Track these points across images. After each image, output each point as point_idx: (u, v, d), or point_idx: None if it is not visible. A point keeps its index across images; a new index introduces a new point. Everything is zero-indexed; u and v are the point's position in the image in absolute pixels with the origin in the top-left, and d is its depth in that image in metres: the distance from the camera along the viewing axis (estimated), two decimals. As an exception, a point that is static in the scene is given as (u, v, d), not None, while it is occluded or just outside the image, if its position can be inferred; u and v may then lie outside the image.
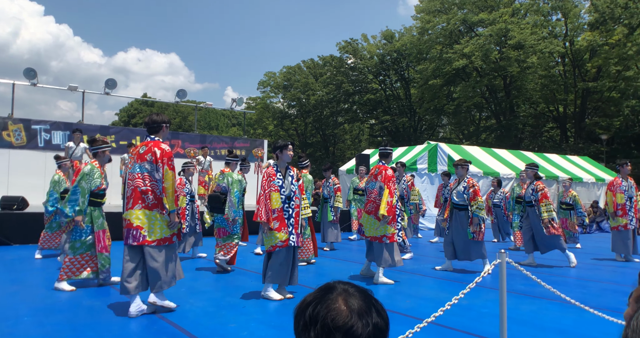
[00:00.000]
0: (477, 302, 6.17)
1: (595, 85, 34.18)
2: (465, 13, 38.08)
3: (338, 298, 1.23)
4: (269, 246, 6.33)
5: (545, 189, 9.81)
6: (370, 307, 1.22)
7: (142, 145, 5.82)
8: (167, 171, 5.63)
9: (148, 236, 5.52)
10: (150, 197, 5.60)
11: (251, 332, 4.94)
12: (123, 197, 6.60)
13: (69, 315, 5.51)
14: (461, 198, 9.02)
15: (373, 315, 1.20)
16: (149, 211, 5.60)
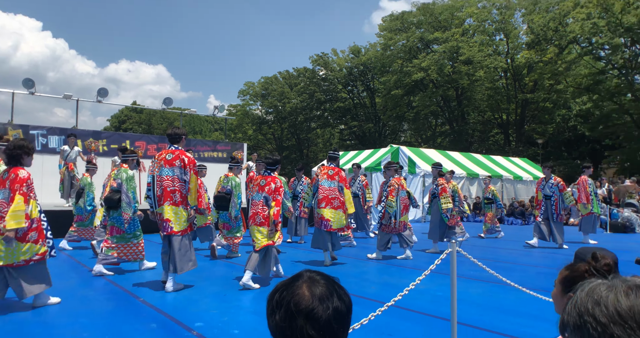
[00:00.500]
0: (432, 286, 6.25)
1: (532, 96, 35.11)
2: (422, 32, 38.45)
3: (303, 284, 1.23)
4: (271, 241, 6.54)
5: (445, 185, 10.29)
6: (332, 292, 1.23)
7: (169, 152, 6.38)
8: (192, 175, 6.29)
9: (175, 227, 6.13)
10: (177, 195, 6.21)
11: (231, 318, 4.92)
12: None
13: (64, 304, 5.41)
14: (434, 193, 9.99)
15: (334, 299, 1.21)
16: (175, 207, 6.20)
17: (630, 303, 1.04)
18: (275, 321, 1.21)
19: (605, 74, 32.25)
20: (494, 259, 9.16)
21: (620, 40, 29.82)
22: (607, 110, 32.65)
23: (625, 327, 1.00)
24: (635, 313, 1.03)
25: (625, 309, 1.04)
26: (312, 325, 1.17)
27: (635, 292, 1.07)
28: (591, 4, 29.49)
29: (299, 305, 1.19)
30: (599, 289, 1.11)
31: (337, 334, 1.20)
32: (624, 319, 1.02)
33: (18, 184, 5.05)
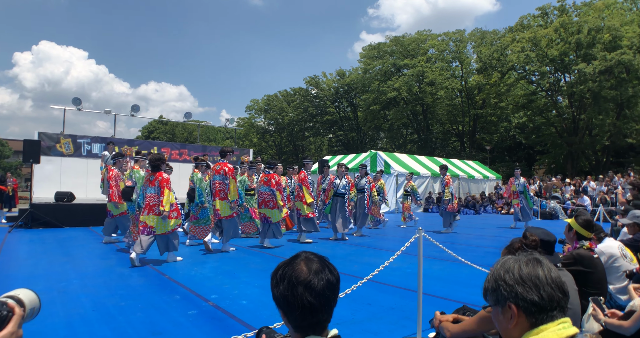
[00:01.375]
0: (402, 264, 6.28)
1: (481, 112, 35.53)
2: (394, 59, 38.51)
3: (301, 262, 1.25)
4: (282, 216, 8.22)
5: (373, 183, 10.97)
6: (325, 267, 1.25)
7: (218, 164, 7.64)
8: (231, 179, 7.49)
9: (222, 214, 7.53)
10: (223, 193, 7.51)
11: (240, 291, 4.93)
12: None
13: (105, 279, 5.41)
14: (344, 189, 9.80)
15: (326, 273, 1.23)
16: (222, 201, 7.52)
17: (528, 270, 1.19)
18: (279, 291, 1.23)
19: (536, 95, 33.02)
20: (452, 242, 9.23)
21: (547, 68, 30.66)
22: (538, 123, 33.34)
23: (525, 286, 1.17)
24: (532, 276, 1.18)
25: (525, 274, 1.19)
26: (310, 293, 1.19)
27: (532, 262, 1.21)
28: (524, 39, 30.09)
29: (299, 277, 1.21)
30: (508, 261, 1.24)
31: (329, 300, 1.22)
32: (524, 281, 1.18)
33: (165, 183, 6.49)
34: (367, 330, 3.67)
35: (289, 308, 1.21)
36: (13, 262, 6.50)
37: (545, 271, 1.19)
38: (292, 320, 1.22)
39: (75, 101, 15.10)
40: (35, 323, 3.65)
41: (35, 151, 11.03)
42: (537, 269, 1.19)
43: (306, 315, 1.19)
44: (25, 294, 1.06)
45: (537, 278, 1.18)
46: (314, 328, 1.22)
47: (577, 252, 3.11)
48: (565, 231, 3.41)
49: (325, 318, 1.23)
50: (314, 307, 1.19)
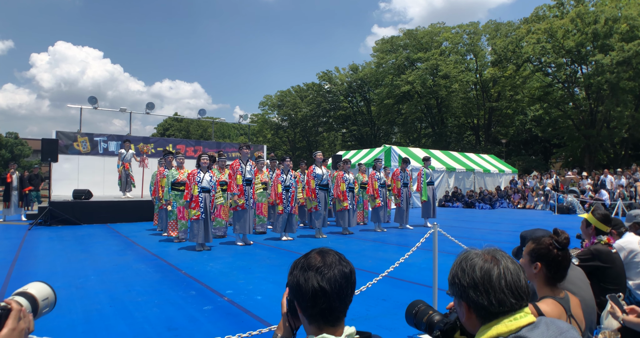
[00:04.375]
0: (418, 260, 6.25)
1: (497, 105, 34.92)
2: (408, 52, 38.13)
3: (316, 254, 1.27)
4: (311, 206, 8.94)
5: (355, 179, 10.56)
6: (338, 260, 1.25)
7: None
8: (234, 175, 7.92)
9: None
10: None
11: (255, 286, 4.95)
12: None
13: (122, 275, 5.48)
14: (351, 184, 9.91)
15: (339, 263, 1.23)
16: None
17: (482, 273, 1.16)
18: (292, 277, 1.24)
19: (552, 87, 32.40)
20: (468, 237, 9.13)
21: (563, 60, 30.06)
22: (554, 116, 32.71)
23: (477, 291, 1.15)
24: (485, 281, 1.15)
25: (479, 277, 1.15)
26: (321, 277, 1.19)
27: (489, 263, 1.18)
28: (540, 31, 29.51)
29: (310, 264, 1.23)
30: (468, 258, 1.22)
31: (342, 288, 1.21)
32: (476, 285, 1.15)
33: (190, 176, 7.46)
34: (382, 326, 3.66)
35: (300, 293, 1.21)
36: (32, 259, 6.63)
37: (500, 273, 1.16)
38: (304, 307, 1.22)
39: (92, 100, 15.28)
40: (55, 319, 3.72)
41: (53, 149, 11.21)
42: (492, 272, 1.16)
43: (318, 299, 1.18)
44: (35, 287, 1.07)
45: (489, 282, 1.15)
46: (326, 317, 1.20)
47: (594, 247, 3.05)
48: (583, 227, 3.34)
49: (338, 306, 1.21)
50: (325, 291, 1.18)
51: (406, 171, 11.02)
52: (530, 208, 19.14)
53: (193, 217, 7.34)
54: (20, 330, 0.95)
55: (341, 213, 9.74)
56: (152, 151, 15.52)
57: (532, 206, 19.14)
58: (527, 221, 13.02)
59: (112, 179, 13.75)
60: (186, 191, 7.47)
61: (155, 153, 15.40)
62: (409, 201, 11.03)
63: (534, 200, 19.31)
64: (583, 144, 30.38)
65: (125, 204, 12.21)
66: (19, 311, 0.96)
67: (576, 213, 15.79)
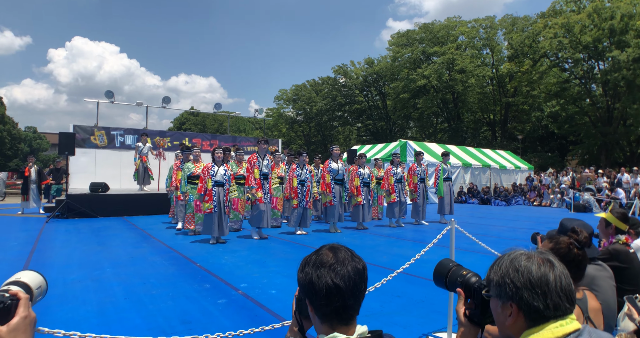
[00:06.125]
0: (434, 256, 6.09)
1: (513, 100, 34.49)
2: (424, 46, 37.72)
3: (327, 250, 1.23)
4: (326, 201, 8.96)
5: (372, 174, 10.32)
6: (351, 256, 1.21)
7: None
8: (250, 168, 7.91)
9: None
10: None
11: (269, 280, 4.92)
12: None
13: (137, 267, 5.51)
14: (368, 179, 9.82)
15: (351, 260, 1.20)
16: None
17: (539, 275, 1.11)
18: (304, 274, 1.20)
19: (569, 83, 31.77)
20: (485, 234, 8.99)
21: (580, 55, 29.48)
22: (571, 112, 32.03)
23: (532, 293, 1.10)
24: (542, 283, 1.11)
25: (535, 279, 1.11)
26: (334, 274, 1.16)
27: (545, 266, 1.13)
28: (557, 25, 29.00)
29: (323, 261, 1.19)
30: (520, 259, 1.17)
31: (355, 284, 1.17)
32: (533, 286, 1.11)
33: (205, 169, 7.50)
34: (396, 323, 3.59)
35: (314, 291, 1.17)
36: (49, 251, 6.71)
37: (556, 277, 1.12)
38: (318, 306, 1.18)
39: (108, 94, 15.41)
40: (70, 311, 3.74)
41: (70, 143, 11.33)
42: (548, 275, 1.12)
43: (332, 297, 1.14)
44: (28, 276, 1.06)
45: (546, 284, 1.11)
46: (340, 315, 1.16)
47: (612, 247, 2.98)
48: (601, 226, 3.25)
49: (352, 304, 1.17)
50: (340, 288, 1.14)
51: (422, 166, 10.87)
52: (546, 205, 18.81)
53: (206, 210, 7.35)
54: (31, 318, 0.97)
55: (355, 208, 9.66)
56: (168, 145, 15.62)
57: (548, 204, 18.81)
58: (543, 218, 12.80)
59: (128, 173, 13.87)
60: (200, 185, 7.47)
61: (172, 146, 15.49)
62: (426, 196, 10.88)
63: (549, 198, 18.98)
64: (599, 142, 29.78)
65: (141, 197, 12.32)
66: (27, 299, 0.97)
67: (592, 212, 15.47)
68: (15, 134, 42.41)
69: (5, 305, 0.94)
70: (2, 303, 0.93)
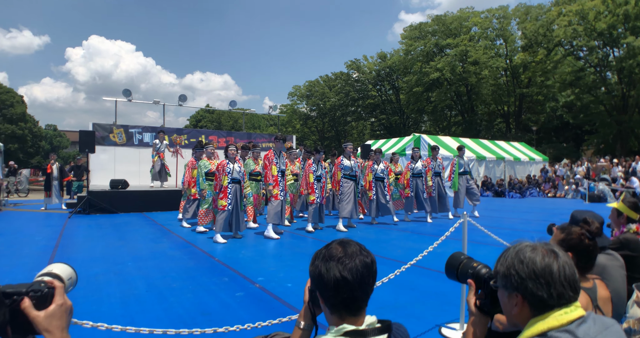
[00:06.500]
0: (447, 249, 6.11)
1: (527, 91, 34.01)
2: (436, 39, 37.32)
3: (337, 245, 1.27)
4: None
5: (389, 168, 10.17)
6: (360, 250, 1.25)
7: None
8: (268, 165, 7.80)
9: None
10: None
11: (286, 273, 5.01)
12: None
13: (157, 261, 5.64)
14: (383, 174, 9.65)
15: (358, 254, 1.23)
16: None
17: (543, 265, 1.14)
18: (314, 265, 1.25)
19: (584, 72, 31.10)
20: (498, 227, 8.95)
21: (595, 43, 28.86)
22: (586, 101, 31.41)
23: (536, 283, 1.13)
24: (545, 273, 1.13)
25: (539, 269, 1.14)
26: (343, 267, 1.19)
27: (549, 256, 1.16)
28: (571, 13, 28.47)
29: (332, 254, 1.23)
30: (525, 250, 1.20)
31: (364, 277, 1.21)
32: (537, 276, 1.14)
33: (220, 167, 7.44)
34: (410, 314, 3.64)
35: (322, 283, 1.21)
36: (73, 246, 6.90)
37: (560, 267, 1.15)
38: (327, 297, 1.23)
39: (126, 92, 15.63)
40: (95, 304, 3.87)
41: (91, 141, 11.55)
42: (552, 264, 1.15)
43: (340, 289, 1.19)
44: (59, 268, 1.12)
45: (550, 274, 1.14)
46: (348, 307, 1.21)
47: (623, 236, 3.01)
48: (613, 216, 3.25)
49: (360, 295, 1.21)
50: (347, 281, 1.18)
51: (438, 160, 10.81)
52: (561, 196, 18.58)
53: (220, 207, 7.37)
54: (67, 306, 1.03)
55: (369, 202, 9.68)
56: (185, 142, 15.82)
57: (563, 195, 18.57)
58: (557, 210, 12.66)
59: (147, 170, 14.09)
60: (216, 182, 7.48)
61: (189, 143, 15.68)
62: (443, 190, 10.79)
63: (564, 189, 18.72)
64: (615, 131, 29.21)
65: (160, 193, 12.53)
66: (62, 288, 1.04)
67: (607, 202, 15.24)
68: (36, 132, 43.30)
69: (43, 293, 1.00)
70: (39, 291, 1.00)
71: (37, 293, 1.00)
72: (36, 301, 0.99)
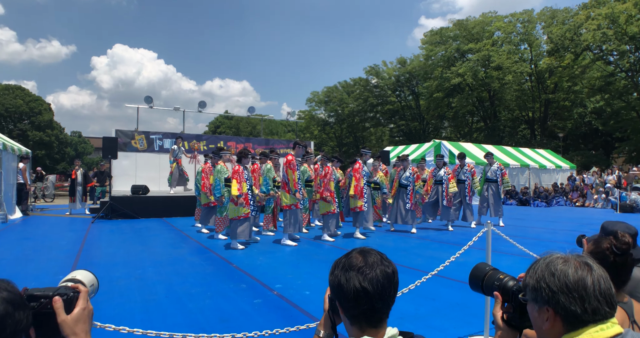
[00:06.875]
0: (470, 259, 6.05)
1: (553, 96, 33.30)
2: (458, 44, 37.04)
3: (357, 254, 1.25)
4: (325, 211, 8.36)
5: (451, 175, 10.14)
6: (380, 260, 1.22)
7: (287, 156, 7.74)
8: (289, 171, 7.62)
9: (282, 203, 7.84)
10: (283, 184, 7.82)
11: (304, 281, 5.00)
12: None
13: (177, 267, 5.71)
14: (407, 180, 9.50)
15: (381, 263, 1.21)
16: (283, 191, 7.81)
17: (576, 279, 1.09)
18: (334, 275, 1.23)
19: (614, 77, 30.37)
20: (523, 236, 8.78)
21: (626, 47, 28.15)
22: (616, 107, 30.66)
23: (569, 297, 1.08)
24: (579, 287, 1.08)
25: (572, 283, 1.08)
26: (363, 277, 1.17)
27: (582, 269, 1.10)
28: (600, 16, 27.80)
29: (352, 264, 1.21)
30: (556, 262, 1.14)
31: (384, 288, 1.18)
32: (569, 290, 1.08)
33: (233, 173, 7.35)
34: (431, 326, 3.59)
35: (342, 293, 1.19)
36: (96, 250, 7.05)
37: (594, 281, 1.09)
38: (346, 308, 1.20)
39: (147, 99, 15.95)
40: (116, 308, 3.94)
41: (113, 147, 11.82)
42: (586, 278, 1.08)
43: (360, 300, 1.16)
44: (82, 275, 1.17)
45: (584, 289, 1.07)
46: (369, 318, 1.18)
47: None
48: None
49: (381, 307, 1.18)
50: (367, 292, 1.16)
51: (465, 168, 10.68)
52: (590, 206, 18.11)
53: (242, 215, 7.30)
54: (89, 310, 1.07)
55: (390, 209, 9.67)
56: (204, 148, 16.02)
57: (592, 204, 18.09)
58: (586, 220, 12.34)
59: (166, 175, 14.32)
60: (238, 186, 7.28)
61: (208, 149, 15.88)
62: (468, 198, 10.61)
63: (593, 198, 18.25)
64: (648, 138, 28.33)
65: (179, 199, 12.71)
66: (87, 292, 1.08)
67: (640, 212, 14.80)
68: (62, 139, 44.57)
69: (69, 296, 1.04)
70: (66, 295, 1.04)
71: (63, 296, 1.03)
72: (63, 304, 1.03)
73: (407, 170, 9.62)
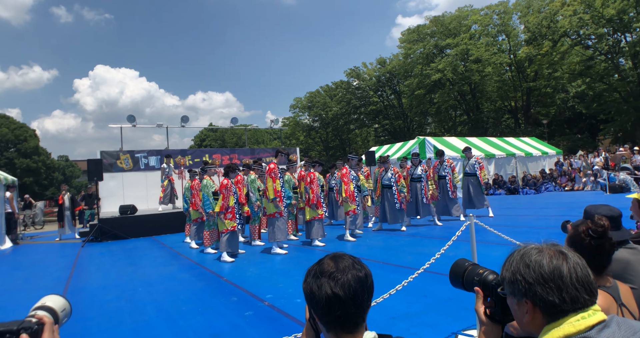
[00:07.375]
0: (459, 252, 6.08)
1: (534, 84, 33.71)
2: (436, 40, 37.37)
3: (329, 260, 1.24)
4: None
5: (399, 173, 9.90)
6: (350, 265, 1.20)
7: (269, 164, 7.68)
8: (268, 179, 7.51)
9: (267, 212, 7.67)
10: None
11: (295, 289, 4.98)
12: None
13: (167, 285, 5.66)
14: (389, 181, 9.57)
15: (351, 269, 1.19)
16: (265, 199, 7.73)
17: (551, 268, 1.07)
18: (307, 283, 1.22)
19: (594, 60, 30.74)
20: (512, 225, 8.84)
21: (604, 30, 28.47)
22: (598, 90, 30.99)
23: (546, 287, 1.06)
24: (555, 276, 1.06)
25: (547, 273, 1.07)
26: (334, 283, 1.15)
27: (557, 258, 1.09)
28: (576, 1, 28.20)
29: (323, 270, 1.20)
30: (530, 253, 1.13)
31: (357, 293, 1.16)
32: (545, 281, 1.07)
33: (220, 187, 7.33)
34: (424, 323, 3.59)
35: (315, 301, 1.18)
36: (86, 274, 6.96)
37: (570, 269, 1.07)
38: (320, 315, 1.19)
39: (130, 118, 15.86)
40: (107, 331, 3.89)
41: (99, 169, 11.73)
42: (561, 267, 1.07)
43: (332, 306, 1.15)
44: (52, 301, 1.14)
45: (560, 278, 1.06)
46: (343, 324, 1.16)
47: None
48: (634, 207, 3.14)
49: (355, 312, 1.16)
50: (339, 297, 1.14)
51: (444, 164, 10.73)
52: (579, 189, 18.32)
53: (229, 228, 7.30)
54: None
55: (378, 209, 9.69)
56: (189, 163, 15.94)
57: (581, 188, 18.31)
58: (575, 203, 12.47)
59: (154, 193, 14.23)
60: (222, 202, 7.30)
61: (193, 164, 15.80)
62: (451, 193, 10.66)
63: (582, 181, 18.47)
64: (633, 117, 28.67)
65: (168, 216, 12.61)
66: (51, 324, 1.05)
67: (630, 191, 14.98)
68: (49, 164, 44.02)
69: (33, 330, 1.02)
70: (29, 329, 1.01)
71: (27, 330, 1.01)
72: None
73: (388, 171, 9.65)
